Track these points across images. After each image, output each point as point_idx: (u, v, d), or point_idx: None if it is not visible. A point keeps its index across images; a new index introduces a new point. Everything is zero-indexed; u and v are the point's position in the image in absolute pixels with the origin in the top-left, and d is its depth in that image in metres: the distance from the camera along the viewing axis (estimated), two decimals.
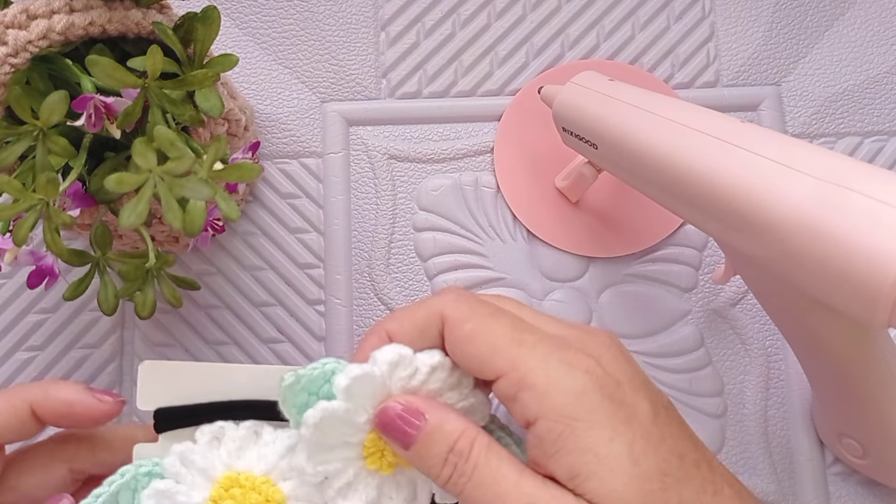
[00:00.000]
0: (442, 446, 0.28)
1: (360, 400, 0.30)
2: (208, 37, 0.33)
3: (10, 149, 0.30)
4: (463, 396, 0.31)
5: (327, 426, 0.30)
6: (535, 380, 0.28)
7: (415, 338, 0.31)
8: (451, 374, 0.31)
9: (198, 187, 0.28)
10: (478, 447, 0.28)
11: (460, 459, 0.28)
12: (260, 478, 0.31)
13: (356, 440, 0.30)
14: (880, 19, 0.50)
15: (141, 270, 0.35)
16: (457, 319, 0.30)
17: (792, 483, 0.44)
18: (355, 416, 0.30)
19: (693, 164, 0.33)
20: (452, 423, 0.29)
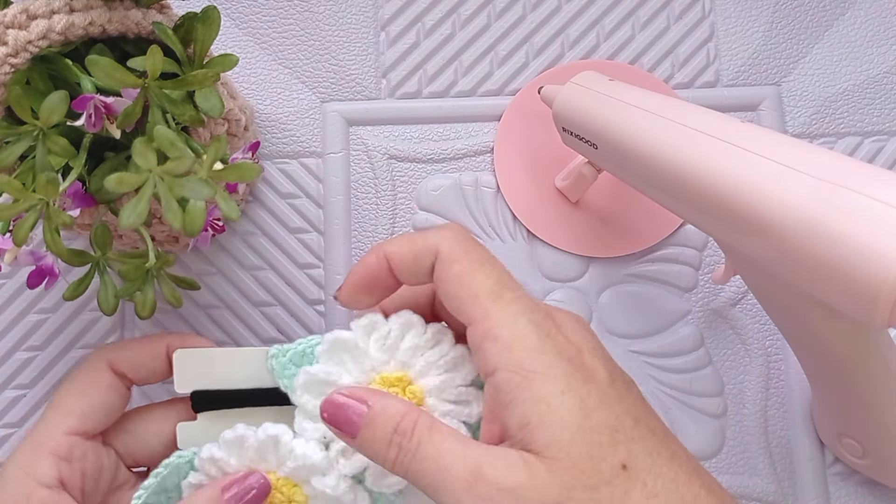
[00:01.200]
0: (386, 428, 0.30)
1: (342, 363, 0.33)
2: (208, 37, 0.33)
3: (10, 149, 0.30)
4: (444, 353, 0.33)
5: (315, 391, 0.33)
6: (500, 332, 0.29)
7: (408, 264, 0.32)
8: (426, 331, 0.33)
9: (198, 187, 0.28)
10: (420, 426, 0.29)
11: (404, 438, 0.29)
12: (281, 479, 0.33)
13: None
14: (880, 19, 0.50)
15: (141, 270, 0.34)
16: (448, 258, 0.31)
17: (792, 483, 0.44)
18: (339, 378, 0.33)
19: (693, 164, 0.33)
20: (394, 407, 0.30)
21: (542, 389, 0.28)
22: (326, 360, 0.34)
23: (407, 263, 0.32)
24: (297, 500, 0.33)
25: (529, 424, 0.28)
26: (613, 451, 0.28)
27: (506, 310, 0.30)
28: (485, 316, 0.30)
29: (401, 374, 0.33)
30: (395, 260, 0.33)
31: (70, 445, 0.34)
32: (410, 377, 0.33)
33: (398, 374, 0.33)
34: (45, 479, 0.33)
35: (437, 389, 0.33)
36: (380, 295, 0.34)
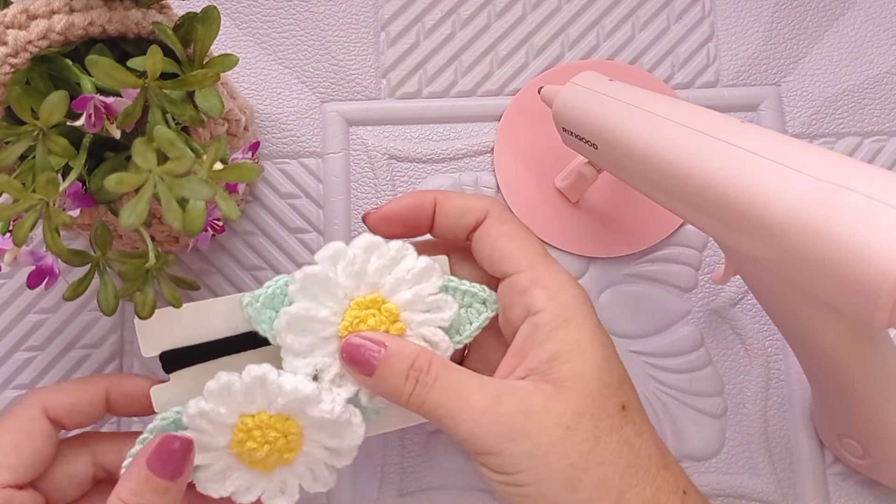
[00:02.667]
0: (403, 365, 0.33)
1: (315, 297, 0.35)
2: (208, 37, 0.33)
3: (10, 149, 0.30)
4: (409, 267, 0.35)
5: (298, 329, 0.34)
6: (549, 282, 0.34)
7: (454, 215, 0.36)
8: (389, 250, 0.36)
9: (198, 187, 0.28)
10: (437, 362, 0.33)
11: (421, 373, 0.33)
12: (273, 416, 0.34)
13: (329, 333, 0.35)
14: (880, 19, 0.50)
15: (141, 270, 0.34)
16: (500, 218, 0.36)
17: (792, 483, 0.44)
18: (317, 312, 0.34)
19: (693, 164, 0.34)
20: (410, 347, 0.34)
21: (578, 333, 0.33)
22: (301, 298, 0.35)
23: (454, 214, 0.36)
24: (292, 432, 0.34)
25: (559, 359, 0.32)
26: (619, 393, 0.33)
27: (551, 266, 0.35)
28: (533, 267, 0.34)
29: (373, 296, 0.35)
30: (443, 206, 0.36)
31: (6, 498, 0.33)
32: (383, 296, 0.35)
33: (371, 296, 0.35)
34: None
35: (409, 303, 0.35)
36: (407, 232, 0.37)
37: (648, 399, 0.45)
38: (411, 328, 0.35)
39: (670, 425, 0.45)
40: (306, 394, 0.34)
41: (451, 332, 0.36)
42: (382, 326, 0.35)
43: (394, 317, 0.35)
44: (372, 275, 0.35)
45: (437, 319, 0.36)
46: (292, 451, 0.35)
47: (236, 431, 0.34)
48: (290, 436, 0.34)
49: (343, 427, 0.35)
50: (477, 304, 0.37)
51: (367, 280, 0.35)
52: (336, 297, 0.35)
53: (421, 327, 0.35)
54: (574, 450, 0.31)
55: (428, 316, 0.36)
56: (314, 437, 0.35)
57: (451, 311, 0.36)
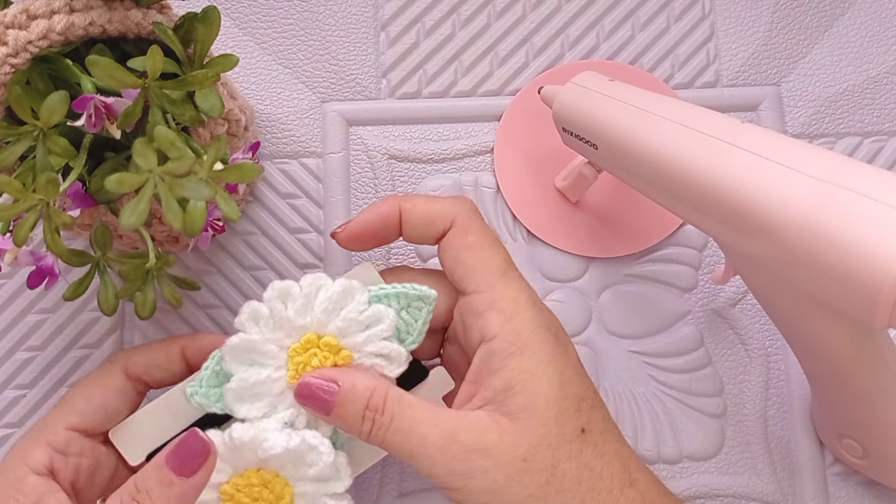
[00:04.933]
0: (357, 405, 0.33)
1: (254, 362, 0.35)
2: (208, 37, 0.33)
3: (11, 149, 0.30)
4: (361, 309, 0.35)
5: (249, 398, 0.35)
6: (504, 305, 0.33)
7: (420, 224, 0.36)
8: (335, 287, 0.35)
9: (198, 187, 0.28)
10: (390, 399, 0.33)
11: (376, 414, 0.32)
12: (259, 473, 0.35)
13: (281, 388, 0.35)
14: (880, 19, 0.50)
15: (141, 270, 0.34)
16: (464, 228, 0.35)
17: (792, 483, 0.44)
18: (258, 376, 0.35)
19: (693, 165, 0.34)
20: (363, 383, 0.33)
21: (531, 360, 0.32)
22: (237, 369, 0.35)
23: (420, 224, 0.36)
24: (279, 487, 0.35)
25: (512, 389, 0.32)
26: (577, 416, 0.32)
27: (510, 286, 0.34)
28: (490, 288, 0.34)
29: (307, 336, 0.35)
30: (408, 216, 0.36)
31: (68, 439, 0.35)
32: (317, 333, 0.35)
33: (305, 338, 0.35)
34: (35, 466, 0.34)
35: (344, 329, 0.35)
36: (377, 243, 0.37)
37: (648, 399, 0.45)
38: (358, 350, 0.35)
39: (670, 425, 0.45)
40: (293, 448, 0.34)
41: (400, 338, 0.36)
42: (329, 361, 0.35)
43: (335, 348, 0.35)
44: (295, 319, 0.35)
45: (379, 333, 0.35)
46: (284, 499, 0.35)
47: (224, 489, 0.35)
48: (280, 492, 0.35)
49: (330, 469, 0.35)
50: (414, 302, 0.36)
51: (294, 325, 0.35)
52: (271, 354, 0.35)
53: (367, 346, 0.35)
54: (531, 482, 0.31)
55: (368, 333, 0.35)
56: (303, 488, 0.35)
57: (389, 320, 0.35)
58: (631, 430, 0.45)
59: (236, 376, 0.35)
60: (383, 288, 0.36)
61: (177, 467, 0.32)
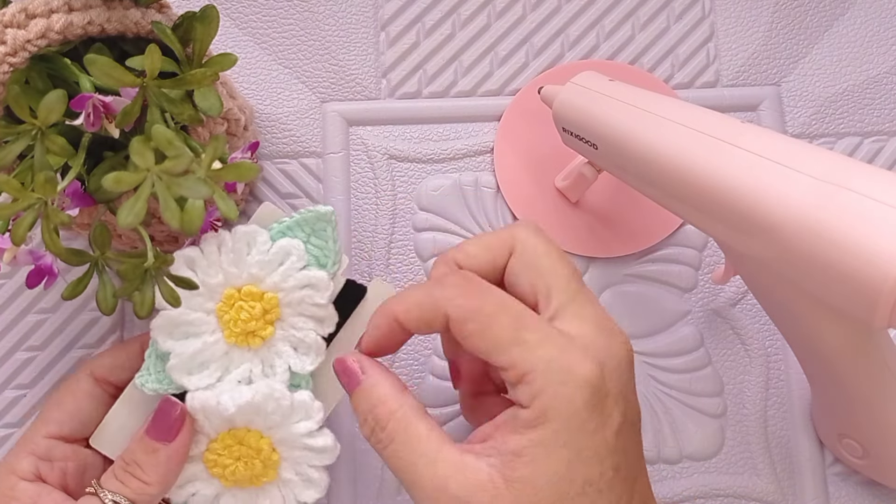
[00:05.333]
0: (366, 405, 0.32)
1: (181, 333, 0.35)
2: (207, 36, 0.33)
3: (9, 148, 0.30)
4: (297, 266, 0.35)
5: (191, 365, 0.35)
6: (533, 378, 0.30)
7: (420, 323, 0.33)
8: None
9: (196, 186, 0.28)
10: (395, 422, 0.32)
11: (376, 425, 0.32)
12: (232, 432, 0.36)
13: (215, 338, 0.35)
14: (880, 19, 0.50)
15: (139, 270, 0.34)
16: (459, 319, 0.32)
17: (792, 483, 0.44)
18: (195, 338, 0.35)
19: (693, 165, 0.33)
20: (380, 390, 0.33)
21: (551, 437, 0.30)
22: (172, 345, 0.35)
23: (419, 323, 0.33)
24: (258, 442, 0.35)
25: (522, 457, 0.30)
26: (578, 500, 0.30)
27: (531, 356, 0.31)
28: (511, 365, 0.31)
29: (229, 292, 0.35)
30: (406, 321, 0.34)
31: (48, 447, 0.37)
32: (239, 286, 0.35)
33: (227, 293, 0.35)
34: (24, 474, 0.36)
35: (259, 275, 0.35)
36: (395, 348, 0.35)
37: (648, 399, 0.45)
38: (280, 289, 0.35)
39: (670, 425, 0.45)
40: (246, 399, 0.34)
41: (321, 263, 0.36)
42: (257, 308, 0.35)
43: (257, 295, 0.35)
44: (207, 280, 0.35)
45: (292, 265, 0.35)
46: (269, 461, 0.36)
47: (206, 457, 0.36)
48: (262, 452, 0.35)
49: (296, 411, 0.35)
50: (317, 224, 0.36)
51: (210, 286, 0.35)
52: (200, 321, 0.35)
53: (286, 282, 0.35)
54: None
55: (282, 269, 0.35)
56: (279, 434, 0.35)
57: (297, 250, 0.35)
58: None
59: (174, 352, 0.35)
60: (281, 221, 0.36)
61: (158, 435, 0.34)
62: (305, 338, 0.36)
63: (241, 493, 0.37)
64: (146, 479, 0.34)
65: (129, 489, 0.34)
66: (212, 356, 0.35)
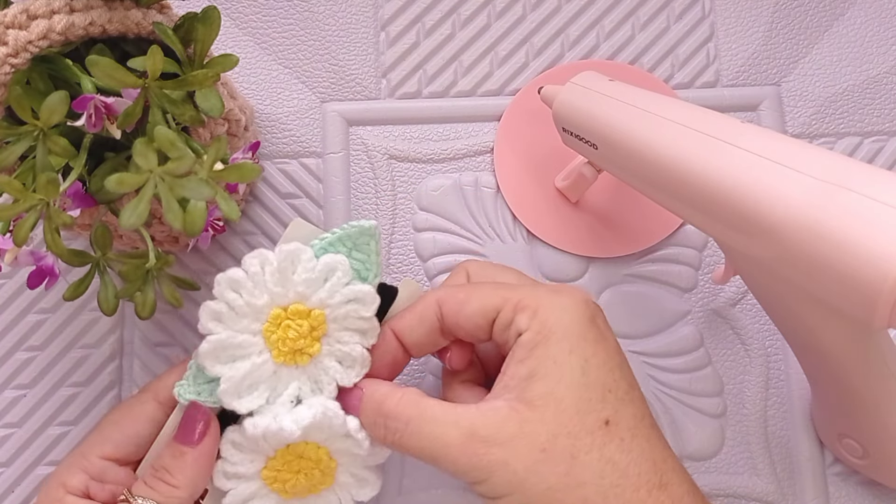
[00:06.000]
0: (372, 411, 0.34)
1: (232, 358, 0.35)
2: (208, 37, 0.33)
3: (11, 149, 0.30)
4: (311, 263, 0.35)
5: (244, 389, 0.35)
6: (526, 303, 0.33)
7: (415, 325, 0.36)
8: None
9: (198, 187, 0.28)
10: (406, 403, 0.33)
11: (388, 419, 0.33)
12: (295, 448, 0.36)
13: (269, 370, 0.35)
14: (880, 19, 0.50)
15: (141, 270, 0.34)
16: (450, 296, 0.35)
17: (792, 483, 0.44)
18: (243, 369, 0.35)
19: (693, 165, 0.34)
20: (382, 390, 0.34)
21: (555, 348, 0.32)
22: (220, 369, 0.35)
23: (413, 326, 0.36)
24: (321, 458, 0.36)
25: (535, 376, 0.32)
26: (601, 407, 0.31)
27: (523, 288, 0.34)
28: (506, 300, 0.34)
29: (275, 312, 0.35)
30: (402, 330, 0.36)
31: (103, 468, 0.36)
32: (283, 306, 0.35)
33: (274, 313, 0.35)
34: (73, 489, 0.36)
35: (306, 293, 0.35)
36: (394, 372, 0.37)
37: (648, 399, 0.45)
38: (327, 306, 0.35)
39: (670, 425, 0.45)
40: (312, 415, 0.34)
41: (362, 277, 0.36)
42: (304, 327, 0.35)
43: (304, 313, 0.35)
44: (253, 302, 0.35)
45: (338, 281, 0.35)
46: (328, 469, 0.36)
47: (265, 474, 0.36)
48: (321, 462, 0.36)
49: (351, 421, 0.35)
50: (359, 239, 0.36)
51: (256, 308, 0.35)
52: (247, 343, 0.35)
53: (333, 298, 0.35)
54: (551, 473, 0.30)
55: (329, 286, 0.35)
56: (336, 445, 0.36)
57: (342, 265, 0.35)
58: None
59: (224, 377, 0.34)
60: (324, 237, 0.36)
61: (184, 439, 0.35)
62: (352, 351, 0.36)
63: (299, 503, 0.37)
64: (174, 482, 0.34)
65: (157, 493, 0.34)
66: (260, 377, 0.35)
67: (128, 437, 0.37)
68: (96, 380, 0.45)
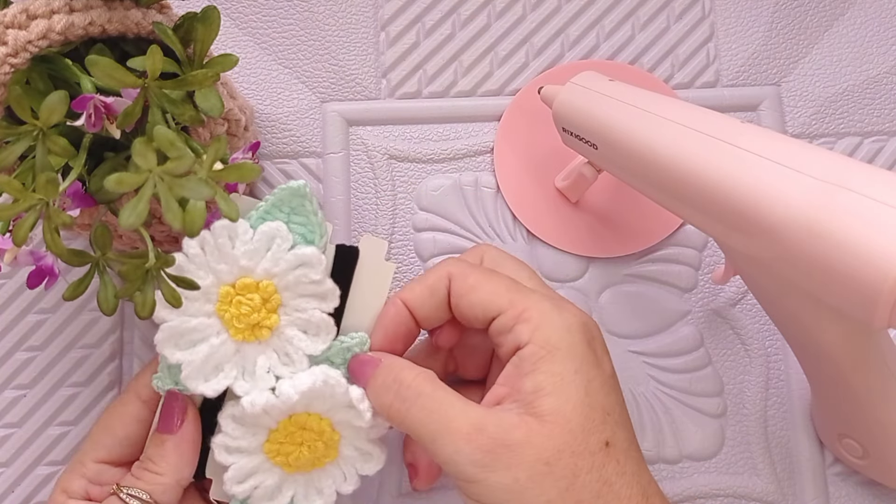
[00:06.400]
0: (387, 376, 0.34)
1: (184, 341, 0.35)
2: (208, 37, 0.33)
3: (10, 149, 0.30)
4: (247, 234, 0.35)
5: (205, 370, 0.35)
6: (530, 315, 0.33)
7: (426, 300, 0.36)
8: None
9: (198, 187, 0.28)
10: (423, 379, 0.34)
11: (401, 387, 0.33)
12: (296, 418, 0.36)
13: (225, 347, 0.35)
14: (880, 19, 0.50)
15: (141, 270, 0.34)
16: (461, 274, 0.36)
17: (792, 483, 0.44)
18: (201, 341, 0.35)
19: (693, 165, 0.34)
20: (399, 362, 0.35)
21: (561, 364, 0.32)
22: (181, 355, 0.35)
23: (425, 300, 0.36)
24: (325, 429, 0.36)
25: (542, 391, 0.32)
26: (602, 429, 0.32)
27: (529, 297, 0.34)
28: (511, 304, 0.34)
29: (225, 290, 0.35)
30: (413, 302, 0.36)
31: (98, 471, 0.37)
32: (234, 279, 0.35)
33: (224, 291, 0.35)
34: (74, 493, 0.37)
35: (250, 266, 0.35)
36: (407, 344, 0.38)
37: (648, 399, 0.45)
38: (274, 275, 0.35)
39: (670, 425, 0.45)
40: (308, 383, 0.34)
41: (308, 240, 0.36)
42: (256, 300, 0.35)
43: (253, 286, 0.35)
44: (201, 282, 0.34)
45: (280, 248, 0.35)
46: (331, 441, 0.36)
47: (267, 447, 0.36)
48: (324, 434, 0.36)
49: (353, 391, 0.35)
50: (294, 201, 0.36)
51: (205, 288, 0.35)
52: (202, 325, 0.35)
53: (278, 266, 0.35)
54: (552, 487, 0.31)
55: (272, 254, 0.35)
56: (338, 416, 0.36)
57: (282, 231, 0.35)
58: None
59: (184, 363, 0.35)
60: (259, 206, 0.36)
61: (164, 427, 0.36)
62: (312, 318, 0.35)
63: (302, 478, 0.37)
64: (157, 469, 0.35)
65: (143, 482, 0.35)
66: (223, 357, 0.35)
67: (118, 440, 0.38)
68: (96, 380, 0.45)
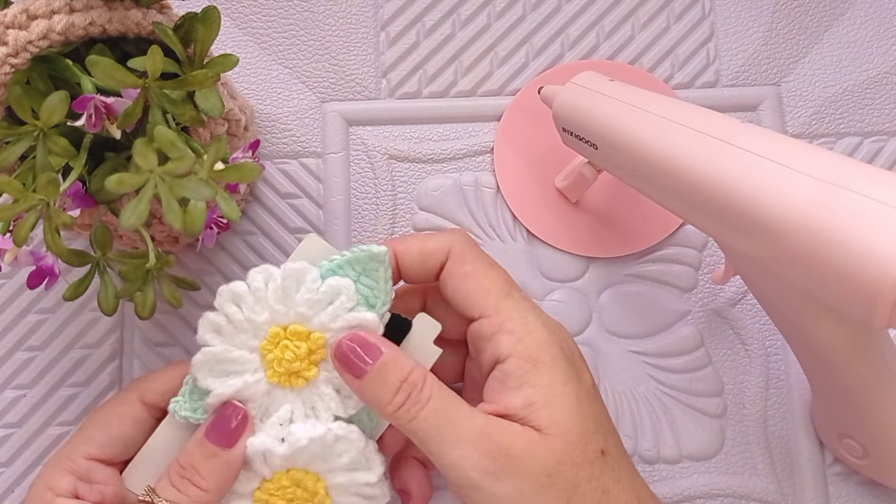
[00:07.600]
0: (396, 376, 0.33)
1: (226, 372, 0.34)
2: (208, 37, 0.33)
3: (11, 149, 0.30)
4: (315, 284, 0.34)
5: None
6: (513, 327, 0.33)
7: (416, 262, 0.35)
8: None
9: (198, 188, 0.28)
10: (431, 381, 0.33)
11: (414, 389, 0.32)
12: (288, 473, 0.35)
13: (262, 387, 0.34)
14: (880, 19, 0.50)
15: (141, 271, 0.34)
16: (460, 257, 0.35)
17: (792, 483, 0.44)
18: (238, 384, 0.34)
19: (693, 165, 0.34)
20: (405, 360, 0.33)
21: (548, 377, 0.32)
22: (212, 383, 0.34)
23: (415, 262, 0.35)
24: (313, 487, 0.35)
25: (534, 405, 0.32)
26: (596, 438, 0.32)
27: (516, 307, 0.34)
28: (496, 311, 0.34)
29: (274, 330, 0.34)
30: (403, 257, 0.36)
31: (89, 468, 0.35)
32: (283, 325, 0.35)
33: (273, 331, 0.34)
34: (61, 491, 0.35)
35: (308, 315, 0.34)
36: None
37: (648, 399, 0.45)
38: (327, 329, 0.34)
39: (670, 425, 0.45)
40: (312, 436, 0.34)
41: (370, 304, 0.35)
42: (302, 349, 0.34)
43: (303, 334, 0.34)
44: (253, 318, 0.34)
45: (342, 305, 0.34)
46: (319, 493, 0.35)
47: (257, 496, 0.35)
48: (316, 496, 0.35)
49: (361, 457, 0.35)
50: (369, 264, 0.35)
51: (255, 324, 0.34)
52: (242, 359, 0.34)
53: (334, 322, 0.34)
54: (556, 499, 0.31)
55: (331, 309, 0.34)
56: (336, 479, 0.35)
57: (348, 290, 0.34)
58: (631, 430, 0.45)
59: (213, 392, 0.34)
60: (333, 259, 0.35)
61: (217, 439, 0.33)
62: None
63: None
64: (204, 485, 0.33)
65: (185, 495, 0.33)
66: (252, 396, 0.34)
67: (113, 438, 0.36)
68: (96, 380, 0.45)
